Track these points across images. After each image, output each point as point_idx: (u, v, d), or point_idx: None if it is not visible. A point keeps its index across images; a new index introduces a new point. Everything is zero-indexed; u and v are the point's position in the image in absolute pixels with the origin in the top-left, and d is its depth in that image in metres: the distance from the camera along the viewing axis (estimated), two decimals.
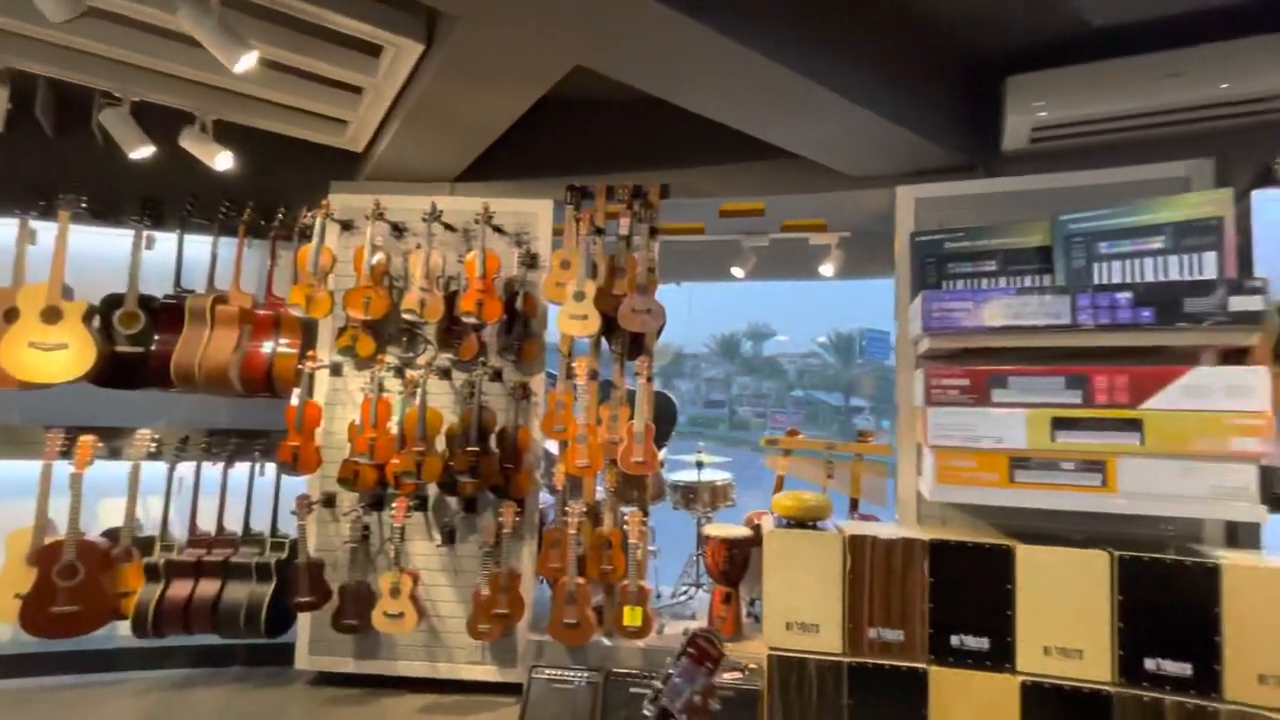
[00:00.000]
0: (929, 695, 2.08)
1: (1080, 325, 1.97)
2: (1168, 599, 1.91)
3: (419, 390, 2.55)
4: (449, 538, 2.72)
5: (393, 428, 2.57)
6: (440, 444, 2.63)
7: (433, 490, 2.71)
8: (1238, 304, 1.81)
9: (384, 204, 2.71)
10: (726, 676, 1.00)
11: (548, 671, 2.49)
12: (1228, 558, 1.90)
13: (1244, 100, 2.05)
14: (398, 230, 2.82)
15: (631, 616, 2.50)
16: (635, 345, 2.79)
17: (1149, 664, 1.92)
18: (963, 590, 2.10)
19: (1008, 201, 2.37)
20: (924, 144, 2.37)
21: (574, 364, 2.65)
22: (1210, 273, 1.90)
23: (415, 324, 2.76)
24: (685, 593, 3.19)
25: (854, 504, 2.86)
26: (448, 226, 2.77)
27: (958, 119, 2.50)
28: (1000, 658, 2.05)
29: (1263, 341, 1.96)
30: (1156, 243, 1.97)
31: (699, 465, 3.15)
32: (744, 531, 2.69)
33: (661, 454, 3.14)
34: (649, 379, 2.66)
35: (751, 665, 2.34)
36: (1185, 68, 2.01)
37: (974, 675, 2.06)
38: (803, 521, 2.33)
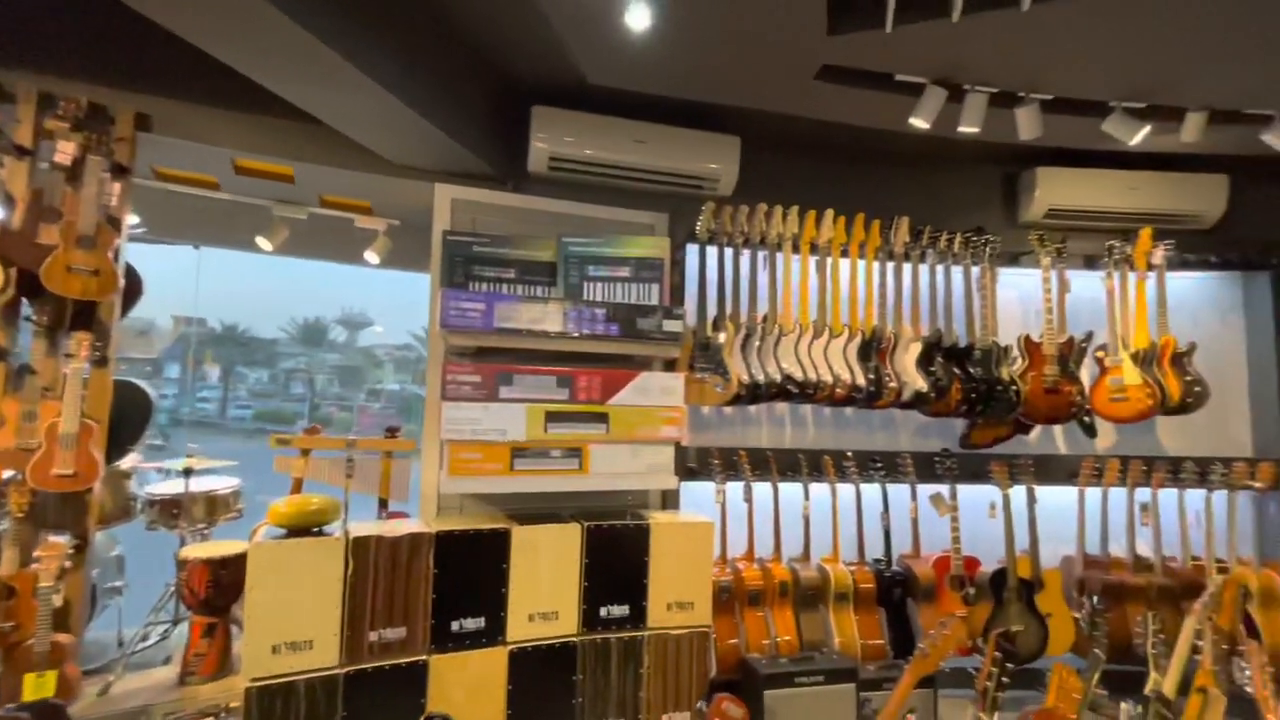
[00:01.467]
0: (428, 684, 2.12)
1: (570, 334, 2.30)
2: (618, 556, 2.39)
3: None
4: None
5: None
6: None
7: None
8: (668, 326, 2.39)
9: None
10: None
11: None
12: (655, 517, 2.50)
13: (685, 174, 2.75)
14: None
15: (38, 687, 1.83)
16: (81, 317, 2.09)
17: (603, 612, 2.36)
18: (466, 577, 2.20)
19: (530, 217, 2.64)
20: (459, 149, 2.44)
21: None
22: (655, 300, 2.46)
23: None
24: (162, 633, 2.56)
25: (383, 503, 2.76)
26: None
27: (495, 133, 2.66)
28: (495, 633, 2.22)
29: (684, 354, 2.64)
30: (625, 271, 2.46)
31: (187, 473, 2.57)
32: (235, 548, 2.29)
33: (129, 460, 2.44)
34: (96, 362, 2.01)
35: (233, 704, 1.99)
36: (649, 139, 2.58)
37: (471, 655, 2.19)
38: (305, 528, 2.10)
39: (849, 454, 2.88)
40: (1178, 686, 1.53)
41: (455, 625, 2.18)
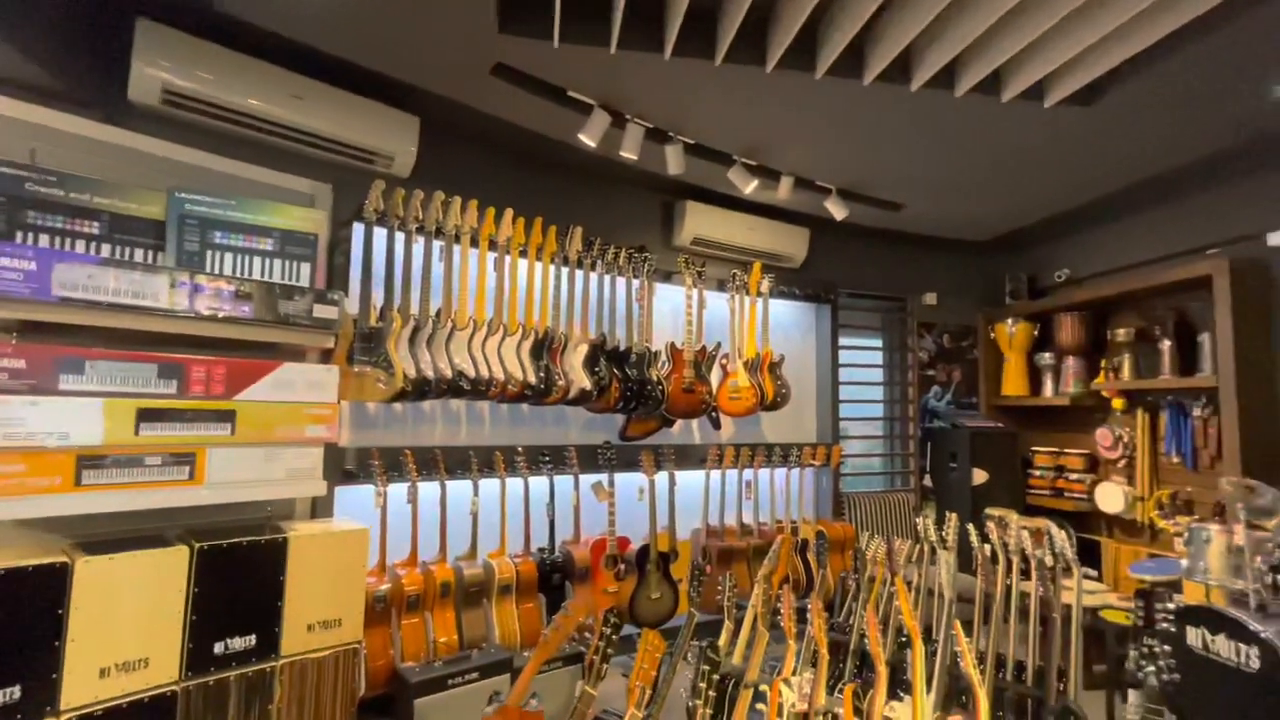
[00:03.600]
0: None
1: (181, 312, 1.86)
2: (244, 579, 2.02)
3: None
4: None
5: None
6: None
7: None
8: (321, 311, 2.11)
9: None
10: None
11: None
12: (296, 529, 2.18)
13: (354, 146, 2.48)
14: None
15: None
16: None
17: (219, 647, 1.97)
18: None
19: (128, 159, 2.06)
20: (6, 47, 1.78)
21: None
22: (305, 281, 2.15)
23: None
24: None
25: None
26: None
27: (77, 40, 2.02)
28: (41, 705, 1.66)
29: (342, 345, 2.38)
30: (267, 244, 2.10)
31: None
32: None
33: None
34: None
35: None
36: (309, 96, 2.26)
37: None
38: None
39: (520, 449, 2.96)
40: (743, 633, 1.93)
41: None
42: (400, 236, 2.60)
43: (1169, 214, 3.50)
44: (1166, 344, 3.42)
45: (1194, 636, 2.39)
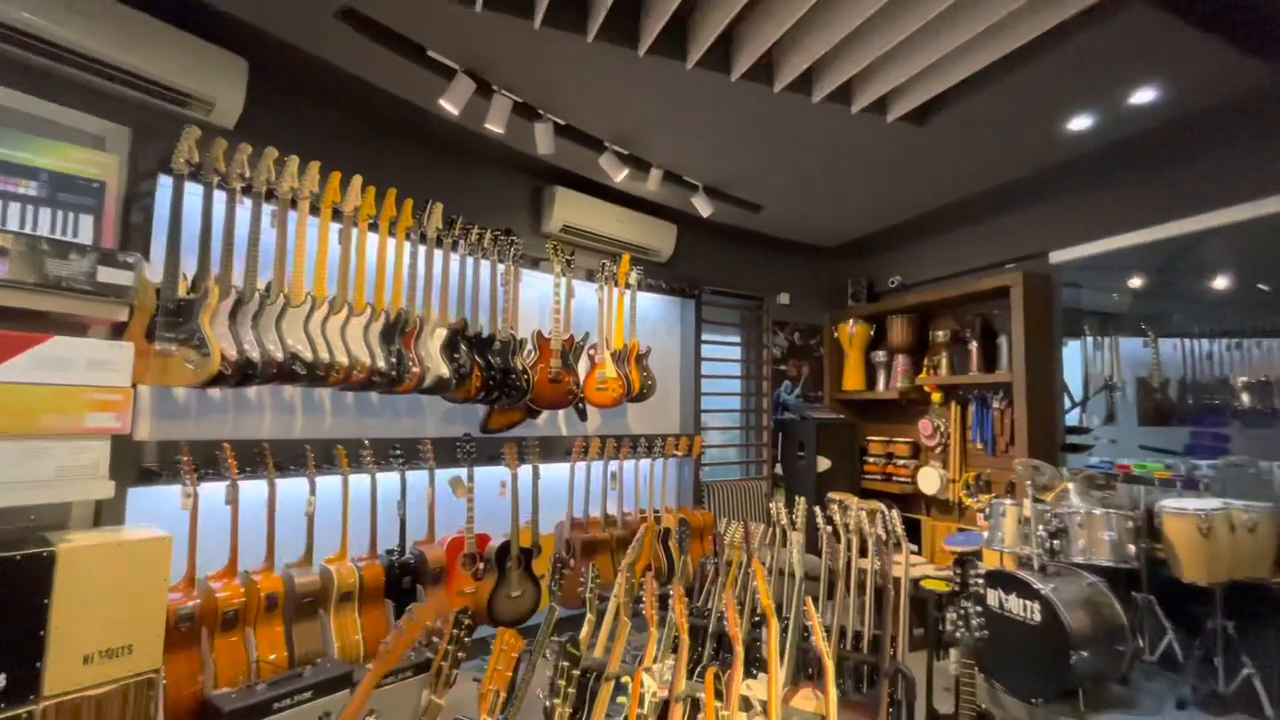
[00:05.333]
0: None
1: None
2: None
3: None
4: None
5: None
6: None
7: None
8: (107, 276, 1.75)
9: None
10: None
11: None
12: (71, 540, 1.79)
13: (163, 83, 2.09)
14: None
15: None
16: None
17: None
18: None
19: None
20: None
21: None
22: (87, 237, 1.77)
23: None
24: None
25: None
26: None
27: None
28: None
29: (140, 318, 2.00)
30: (30, 188, 1.69)
31: None
32: None
33: None
34: None
35: None
36: (99, 14, 1.86)
37: None
38: None
39: (367, 442, 2.69)
40: (605, 625, 1.89)
41: None
42: (221, 196, 2.24)
43: (981, 231, 4.01)
44: (974, 345, 3.92)
45: (993, 598, 2.75)
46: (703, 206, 3.54)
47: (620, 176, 3.06)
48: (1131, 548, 2.63)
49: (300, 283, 2.39)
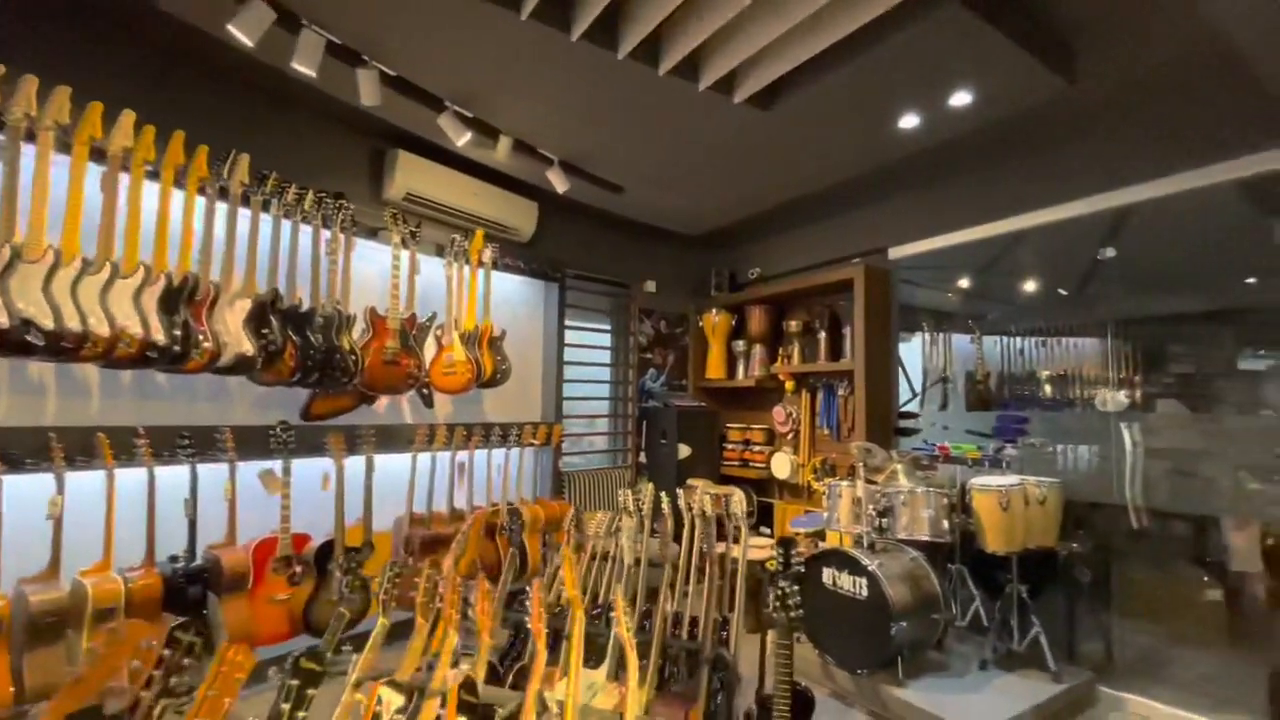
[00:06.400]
0: None
1: None
2: None
3: None
4: None
5: None
6: None
7: None
8: None
9: None
10: None
11: None
12: None
13: None
14: None
15: None
16: None
17: None
18: None
19: None
20: None
21: None
22: None
23: None
24: None
25: None
26: None
27: None
28: None
29: None
30: None
31: None
32: None
33: None
34: None
35: None
36: None
37: None
38: None
39: (141, 430, 2.27)
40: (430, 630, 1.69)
41: None
42: None
43: (830, 226, 4.19)
44: (823, 335, 4.09)
45: (828, 576, 2.84)
46: (558, 182, 3.38)
47: (463, 140, 2.82)
48: (946, 523, 2.82)
49: (39, 232, 1.94)
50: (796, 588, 1.62)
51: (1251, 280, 2.93)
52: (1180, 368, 3.23)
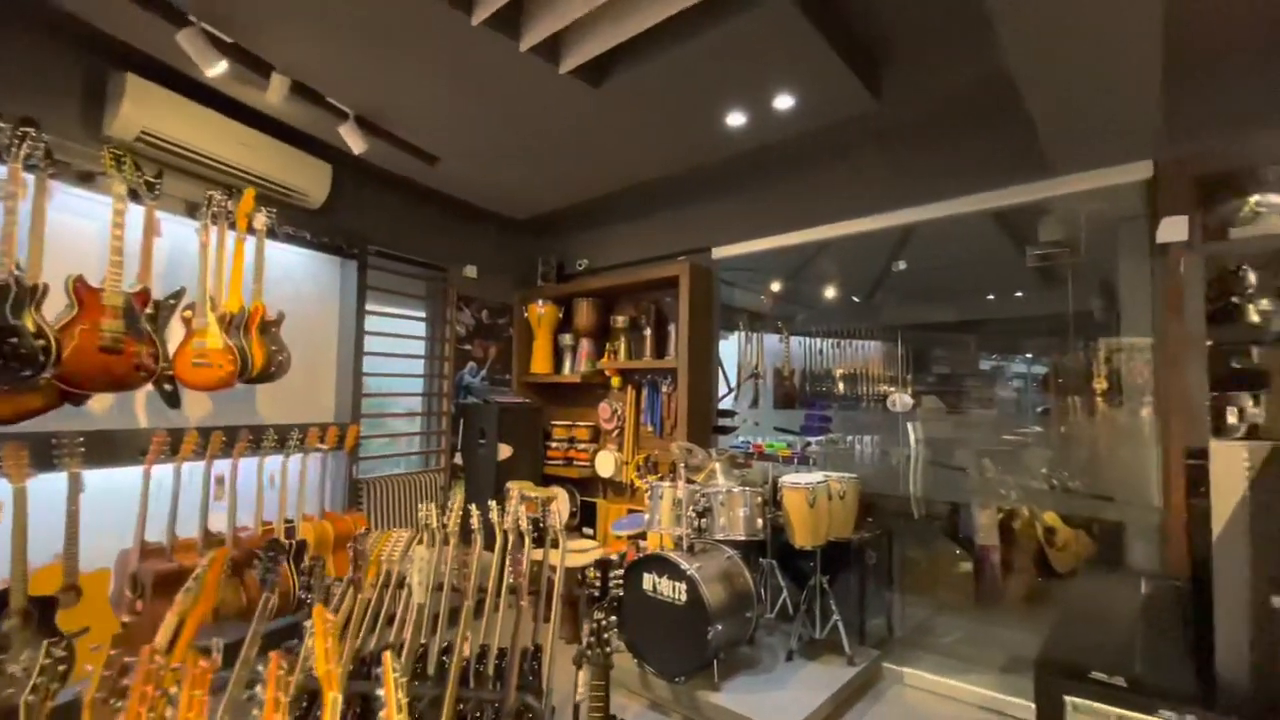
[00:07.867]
0: None
1: None
2: None
3: None
4: None
5: None
6: None
7: None
8: None
9: None
10: None
11: None
12: None
13: None
14: None
15: None
16: None
17: None
18: None
19: None
20: None
21: None
22: None
23: None
24: None
25: None
26: None
27: None
28: None
29: None
30: None
31: None
32: None
33: None
34: None
35: None
36: None
37: None
38: None
39: None
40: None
41: None
42: None
43: (659, 221, 4.13)
44: (649, 331, 4.03)
45: (648, 582, 2.74)
46: (354, 141, 2.87)
47: (214, 70, 2.22)
48: (760, 521, 2.87)
49: None
50: (614, 619, 1.44)
51: (991, 296, 3.57)
52: (940, 369, 3.80)
